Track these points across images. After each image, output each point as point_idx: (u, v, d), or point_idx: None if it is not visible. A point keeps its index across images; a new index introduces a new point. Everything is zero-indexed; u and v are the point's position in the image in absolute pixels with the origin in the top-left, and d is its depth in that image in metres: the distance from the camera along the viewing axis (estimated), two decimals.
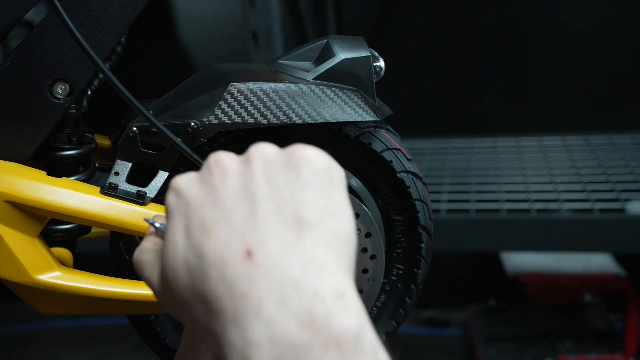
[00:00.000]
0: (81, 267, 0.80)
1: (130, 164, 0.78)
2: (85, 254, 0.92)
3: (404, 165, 0.85)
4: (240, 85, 0.78)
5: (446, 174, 1.93)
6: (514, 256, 2.15)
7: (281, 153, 0.42)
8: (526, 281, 2.08)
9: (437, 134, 2.24)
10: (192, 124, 0.77)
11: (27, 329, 2.36)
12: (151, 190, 0.78)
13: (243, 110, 0.78)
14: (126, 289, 0.77)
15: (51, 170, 0.78)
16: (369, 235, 0.84)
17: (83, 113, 0.83)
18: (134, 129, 0.77)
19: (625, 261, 2.05)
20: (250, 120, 0.78)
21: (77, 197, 0.73)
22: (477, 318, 2.18)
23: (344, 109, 0.80)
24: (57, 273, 0.74)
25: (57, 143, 0.79)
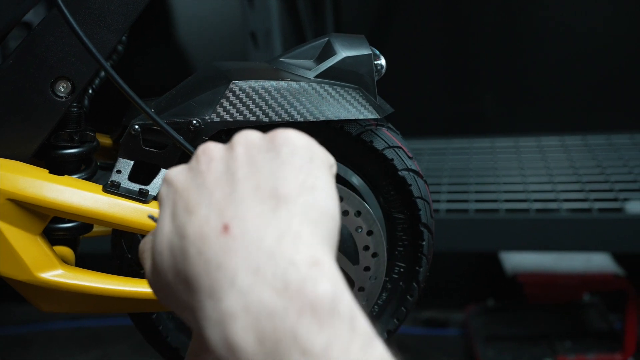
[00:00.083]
0: (82, 267, 0.80)
1: (132, 162, 0.78)
2: (86, 255, 0.92)
3: (405, 163, 0.85)
4: (242, 83, 0.78)
5: (445, 174, 1.93)
6: (513, 256, 2.15)
7: (263, 136, 0.43)
8: (525, 281, 2.08)
9: (436, 135, 2.24)
10: (194, 122, 0.77)
11: (27, 330, 2.35)
12: (153, 188, 0.78)
13: (245, 108, 0.78)
14: (128, 287, 0.77)
15: (53, 168, 0.78)
16: (370, 233, 0.84)
17: (85, 111, 0.83)
18: (136, 127, 0.77)
19: (624, 261, 2.05)
20: (252, 119, 0.78)
21: (80, 195, 0.73)
22: (476, 318, 2.18)
23: (346, 106, 0.80)
24: (60, 271, 0.74)
25: (59, 141, 0.79)
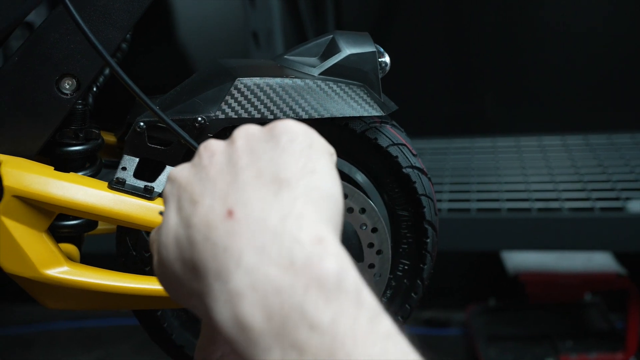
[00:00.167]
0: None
1: (137, 159, 0.78)
2: (88, 255, 0.92)
3: (409, 161, 0.85)
4: (247, 81, 0.78)
5: (447, 174, 1.93)
6: (514, 256, 2.15)
7: (263, 128, 0.44)
8: (527, 281, 2.08)
9: (437, 134, 2.24)
10: (199, 119, 0.77)
11: (28, 331, 2.35)
12: (159, 185, 0.78)
13: (250, 105, 0.78)
14: (133, 283, 0.77)
15: (58, 165, 0.77)
16: (375, 230, 0.84)
17: (89, 109, 0.83)
18: (141, 124, 0.77)
19: (626, 260, 2.06)
20: (257, 115, 0.78)
21: (85, 192, 0.73)
22: (478, 318, 2.18)
23: (350, 104, 0.80)
24: (65, 268, 0.74)
25: (64, 139, 0.79)
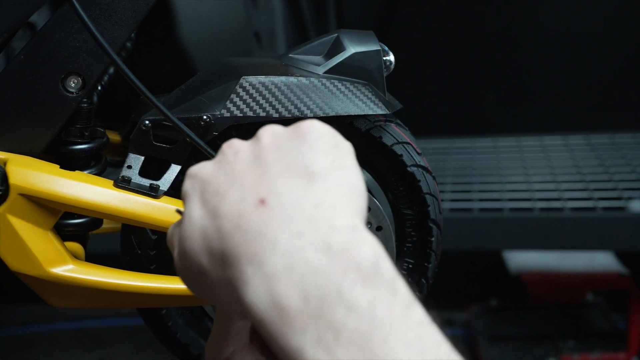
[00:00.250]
0: None
1: (142, 158, 0.78)
2: (91, 255, 0.92)
3: (414, 159, 0.85)
4: (252, 79, 0.78)
5: (448, 174, 1.93)
6: (516, 255, 2.15)
7: (287, 127, 0.44)
8: (528, 280, 2.08)
9: (438, 134, 2.24)
10: (205, 117, 0.77)
11: (29, 331, 2.35)
12: (164, 183, 0.78)
13: (255, 103, 0.78)
14: (139, 282, 0.77)
15: (63, 164, 0.77)
16: (380, 229, 0.84)
17: (94, 107, 0.83)
18: (147, 122, 0.77)
19: (628, 260, 2.05)
20: (262, 114, 0.78)
21: (91, 190, 0.73)
22: (479, 318, 2.18)
23: (355, 102, 0.80)
24: (71, 266, 0.74)
25: (70, 137, 0.79)
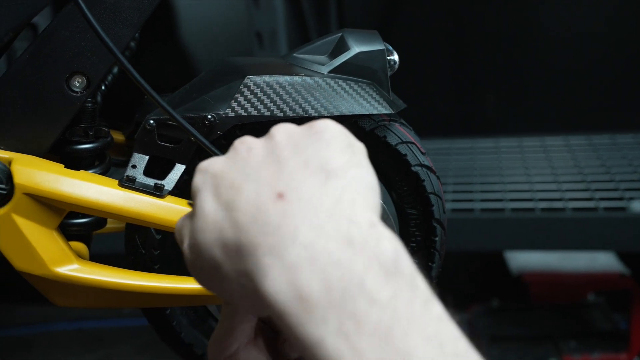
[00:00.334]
0: None
1: (147, 157, 0.78)
2: (95, 255, 0.92)
3: (418, 159, 0.85)
4: (257, 78, 0.78)
5: (450, 174, 1.93)
6: (517, 256, 2.15)
7: (301, 126, 0.44)
8: (530, 281, 2.08)
9: (440, 135, 2.24)
10: (209, 116, 0.77)
11: (29, 332, 2.35)
12: (169, 183, 0.78)
13: (259, 103, 0.78)
14: (143, 281, 0.77)
15: (68, 163, 0.77)
16: None
17: (98, 107, 0.83)
18: (151, 121, 0.77)
19: (630, 260, 2.05)
20: (267, 113, 0.78)
21: (96, 190, 0.73)
22: (481, 318, 2.17)
23: (360, 101, 0.80)
24: (76, 266, 0.74)
25: (74, 137, 0.79)
